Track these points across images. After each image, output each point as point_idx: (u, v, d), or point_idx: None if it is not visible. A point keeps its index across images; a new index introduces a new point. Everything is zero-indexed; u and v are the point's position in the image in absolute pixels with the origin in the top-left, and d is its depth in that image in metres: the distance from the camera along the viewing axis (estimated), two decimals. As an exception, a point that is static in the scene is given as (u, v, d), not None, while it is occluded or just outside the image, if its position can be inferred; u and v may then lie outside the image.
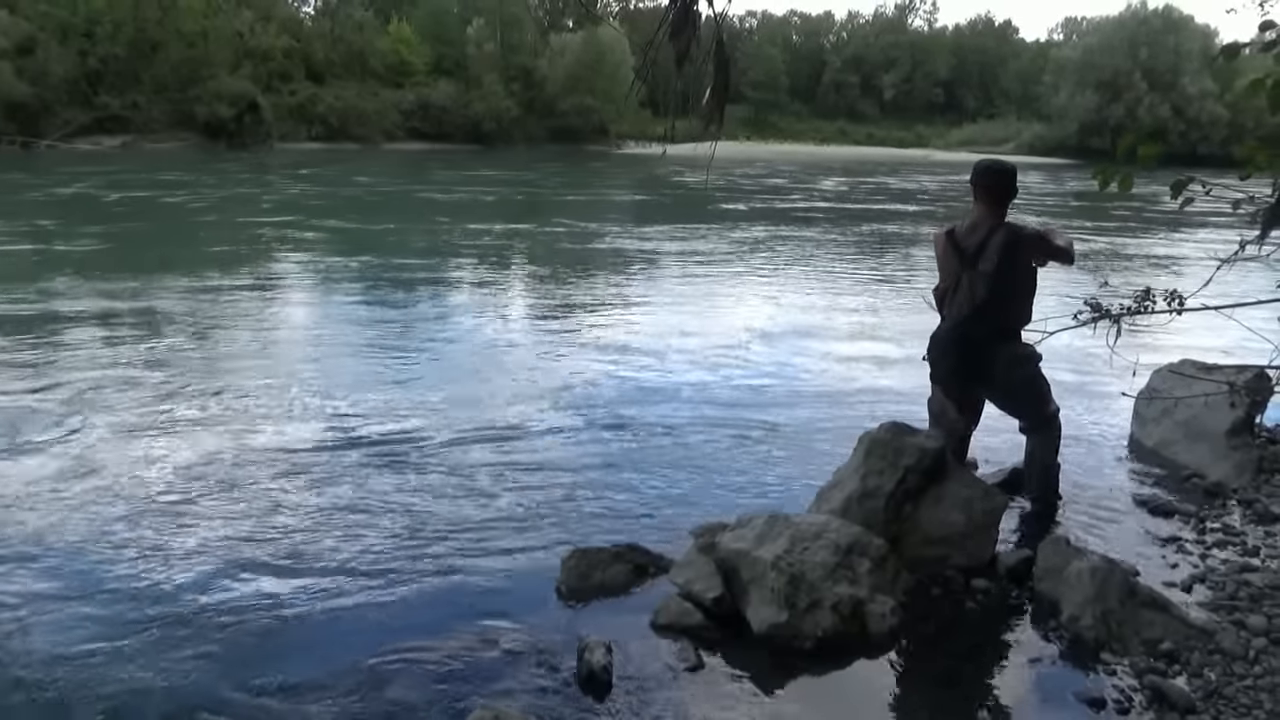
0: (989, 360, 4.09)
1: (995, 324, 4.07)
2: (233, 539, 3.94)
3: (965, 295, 4.06)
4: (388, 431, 5.34)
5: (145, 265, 11.53)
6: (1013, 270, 3.98)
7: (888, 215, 22.31)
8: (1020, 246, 3.99)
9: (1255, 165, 2.75)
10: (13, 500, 4.26)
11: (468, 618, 3.39)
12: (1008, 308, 4.06)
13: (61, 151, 36.80)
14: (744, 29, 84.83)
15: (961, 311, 4.08)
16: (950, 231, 4.17)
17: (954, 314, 4.12)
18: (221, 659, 3.08)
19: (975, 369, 4.14)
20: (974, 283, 4.01)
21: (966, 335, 4.08)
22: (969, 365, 4.13)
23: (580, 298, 10.20)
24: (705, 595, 3.41)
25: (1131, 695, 2.97)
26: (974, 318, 4.05)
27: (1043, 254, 4.10)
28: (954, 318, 4.12)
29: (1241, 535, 4.17)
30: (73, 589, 3.51)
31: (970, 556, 3.80)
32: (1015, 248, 3.97)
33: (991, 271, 3.96)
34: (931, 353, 4.27)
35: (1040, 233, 4.12)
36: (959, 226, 4.17)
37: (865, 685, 3.09)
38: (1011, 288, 4.01)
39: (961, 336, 4.10)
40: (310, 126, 47.81)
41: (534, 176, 31.93)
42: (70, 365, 6.64)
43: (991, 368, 4.11)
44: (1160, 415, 5.30)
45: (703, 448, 5.27)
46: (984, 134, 71.72)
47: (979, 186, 4.10)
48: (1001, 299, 4.01)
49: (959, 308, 4.09)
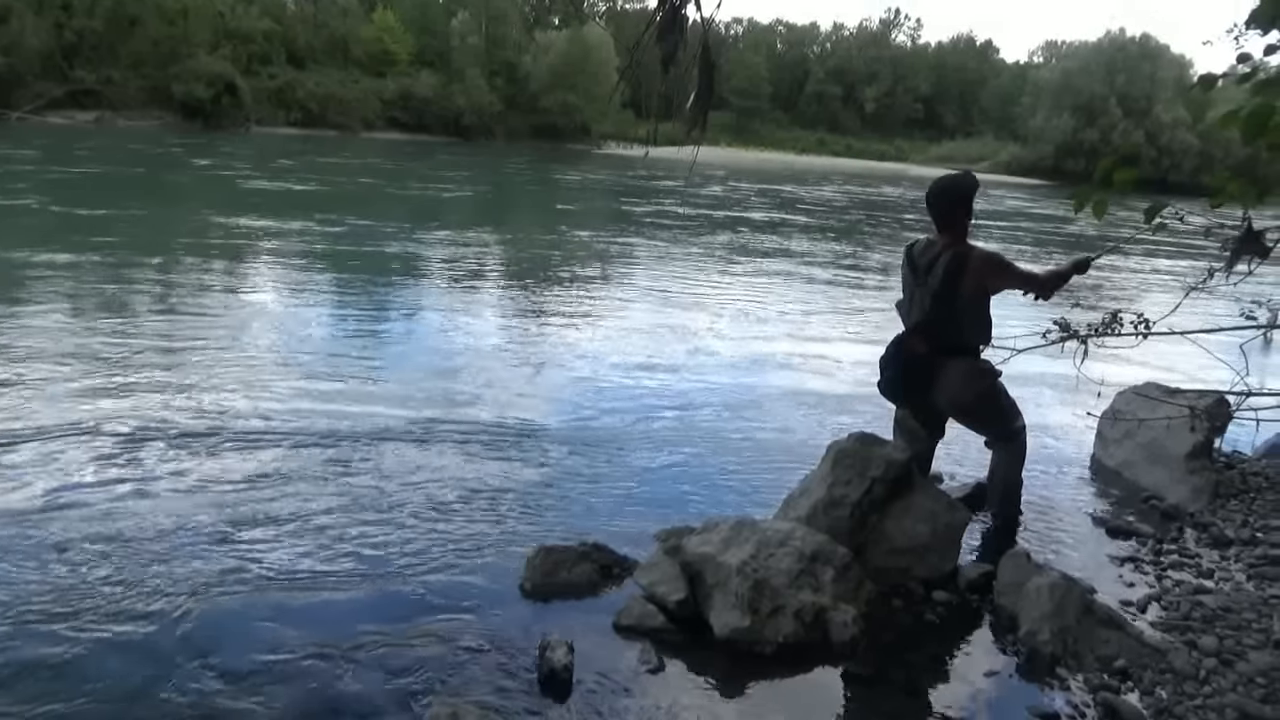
0: (935, 375, 4.09)
1: (938, 341, 4.06)
2: (189, 529, 3.88)
3: (915, 310, 4.12)
4: (350, 426, 5.26)
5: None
6: (955, 291, 3.94)
7: (865, 225, 22.47)
8: (965, 269, 3.93)
9: (1227, 195, 2.81)
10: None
11: (428, 612, 3.37)
12: (951, 326, 4.04)
13: (33, 124, 36.14)
14: (729, 35, 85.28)
15: (906, 327, 4.16)
16: (910, 246, 4.22)
17: (903, 328, 4.19)
18: (174, 649, 3.03)
19: (917, 383, 4.16)
20: (921, 299, 4.06)
21: (908, 350, 4.12)
22: (909, 378, 4.16)
23: (549, 300, 10.16)
24: (669, 598, 3.42)
25: (1085, 710, 3.01)
26: (915, 333, 4.10)
27: (1000, 280, 4.06)
28: (902, 332, 4.19)
29: (1197, 558, 4.25)
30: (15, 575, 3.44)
31: (932, 569, 3.83)
32: (960, 269, 3.93)
33: (935, 289, 3.97)
34: (880, 367, 4.31)
35: (995, 258, 4.07)
36: (918, 243, 4.21)
37: (825, 692, 3.11)
38: (954, 307, 3.97)
39: (899, 352, 4.15)
40: (289, 111, 47.40)
41: (511, 172, 31.81)
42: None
43: (936, 383, 4.11)
44: (1122, 437, 5.38)
45: (670, 452, 5.27)
46: (961, 151, 72.59)
47: (929, 206, 4.12)
48: (944, 318, 4.00)
49: (907, 323, 4.17)
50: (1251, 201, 2.93)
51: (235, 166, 25.47)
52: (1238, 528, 4.54)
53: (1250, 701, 2.99)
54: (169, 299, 8.54)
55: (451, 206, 20.07)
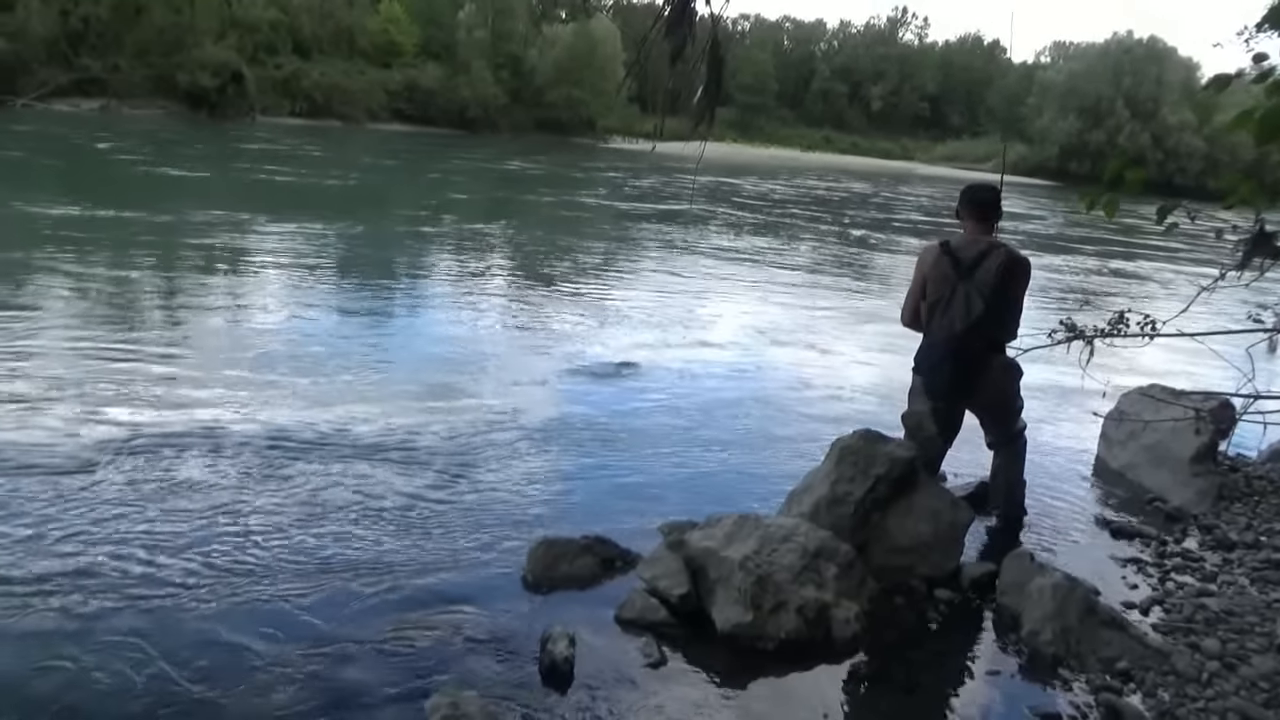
0: (979, 372, 4.14)
1: (990, 338, 4.11)
2: (191, 522, 3.87)
3: (960, 308, 4.06)
4: (355, 420, 5.24)
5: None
6: (1006, 290, 4.03)
7: (873, 225, 22.44)
8: (1016, 271, 4.05)
9: (1239, 196, 2.79)
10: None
11: (430, 603, 3.36)
12: (998, 324, 4.09)
13: (37, 111, 36.11)
14: (737, 31, 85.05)
15: (956, 325, 4.07)
16: (945, 243, 4.19)
17: (948, 326, 4.10)
18: (177, 639, 3.03)
19: (966, 381, 4.17)
20: (970, 296, 4.03)
21: (964, 348, 4.09)
22: (963, 379, 4.17)
23: (553, 294, 10.12)
24: (671, 592, 3.41)
25: (1086, 712, 3.01)
26: (971, 331, 4.05)
27: (1025, 285, 4.16)
28: (949, 330, 4.10)
29: (1200, 560, 4.24)
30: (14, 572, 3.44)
31: (935, 567, 3.83)
32: (1012, 271, 4.03)
33: (991, 284, 3.99)
34: (923, 366, 4.28)
35: (1029, 264, 4.18)
36: (953, 240, 4.19)
37: (826, 688, 3.10)
38: (1006, 304, 4.06)
39: (958, 350, 4.10)
40: (294, 102, 47.24)
41: (517, 167, 31.78)
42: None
43: (980, 380, 4.15)
44: (1127, 438, 5.37)
45: (674, 446, 5.26)
46: (967, 151, 72.41)
47: (973, 204, 4.15)
48: (993, 316, 4.04)
49: (953, 321, 4.08)
50: (1263, 204, 2.92)
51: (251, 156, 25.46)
52: (1242, 531, 4.53)
53: (1253, 705, 2.99)
54: (178, 303, 8.54)
55: (458, 208, 20.05)
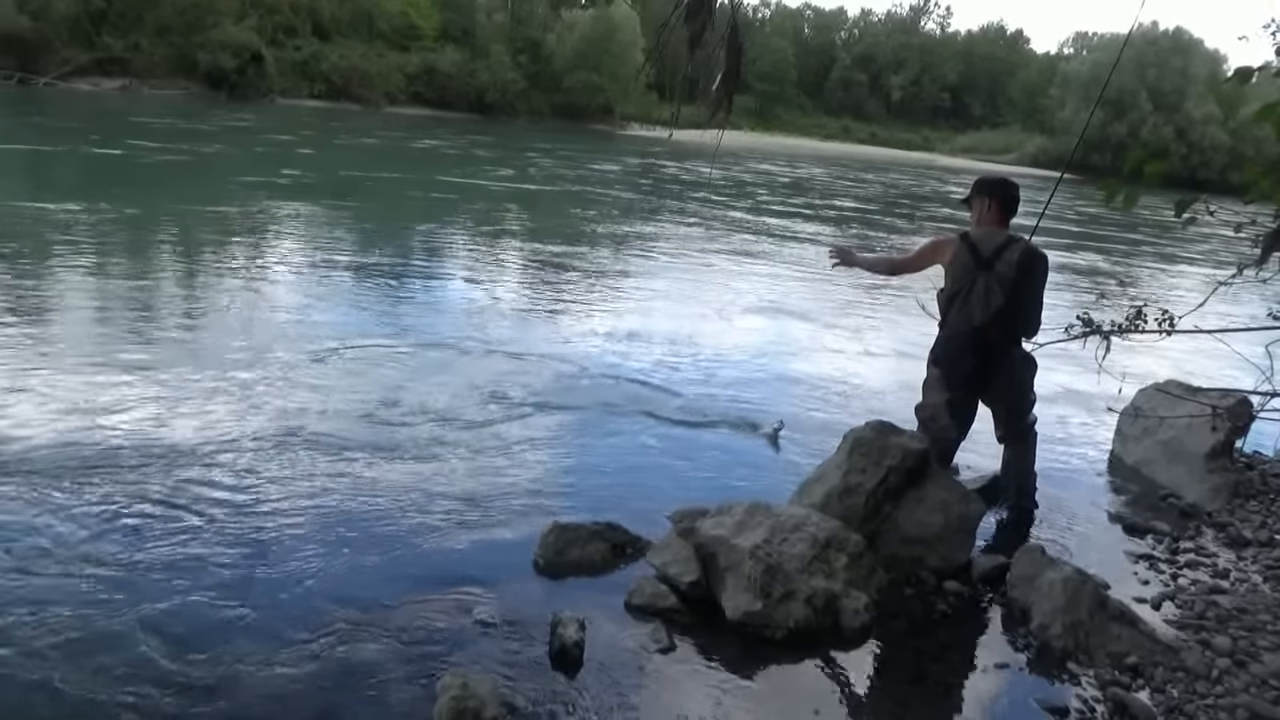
0: (998, 365, 4.14)
1: (1011, 330, 4.12)
2: (203, 501, 3.91)
3: (980, 299, 4.06)
4: (368, 402, 5.28)
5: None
6: (1026, 283, 4.04)
7: (888, 214, 22.32)
8: (1035, 265, 4.06)
9: (1259, 191, 2.77)
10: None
11: (442, 585, 3.39)
12: (1019, 316, 4.10)
13: (59, 90, 36.31)
14: (756, 18, 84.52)
15: (975, 317, 4.08)
16: (965, 235, 4.18)
17: (968, 318, 4.11)
18: (190, 618, 3.06)
19: (986, 373, 4.17)
20: (990, 287, 4.03)
21: (983, 340, 4.10)
22: (982, 371, 4.16)
23: (570, 281, 10.14)
24: (681, 578, 3.43)
25: (1095, 706, 3.00)
26: (993, 323, 4.06)
27: (1043, 283, 4.17)
28: (970, 321, 4.11)
29: (1213, 557, 4.22)
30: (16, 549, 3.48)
31: (945, 559, 3.83)
32: (1031, 264, 4.04)
33: (1011, 276, 4.00)
34: (943, 358, 4.28)
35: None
36: (971, 232, 4.18)
37: (833, 677, 3.11)
38: (1026, 297, 4.06)
39: (980, 342, 4.11)
40: (313, 84, 47.36)
41: (537, 154, 31.75)
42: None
43: (999, 372, 4.16)
44: (1142, 434, 5.34)
45: (686, 434, 5.27)
46: (987, 142, 71.91)
47: (993, 198, 4.15)
48: (1014, 308, 4.05)
49: (972, 312, 4.09)
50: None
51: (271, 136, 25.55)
52: (1256, 529, 4.51)
53: (1262, 703, 2.98)
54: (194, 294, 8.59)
55: (479, 194, 20.06)
